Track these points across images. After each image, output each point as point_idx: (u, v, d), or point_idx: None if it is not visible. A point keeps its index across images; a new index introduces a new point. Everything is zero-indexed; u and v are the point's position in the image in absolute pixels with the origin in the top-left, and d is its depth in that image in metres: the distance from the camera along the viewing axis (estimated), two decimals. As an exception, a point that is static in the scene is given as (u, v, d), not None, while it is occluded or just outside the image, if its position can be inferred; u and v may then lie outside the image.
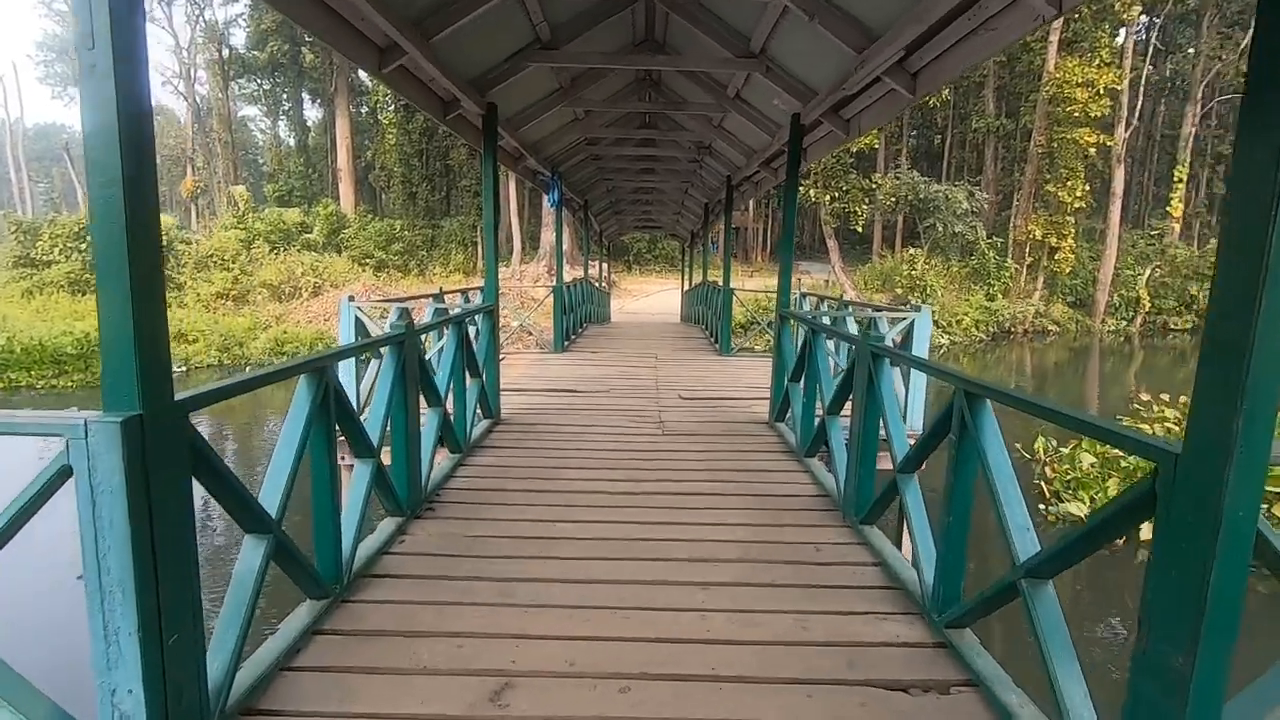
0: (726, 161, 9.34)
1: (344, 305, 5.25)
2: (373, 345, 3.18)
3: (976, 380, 2.27)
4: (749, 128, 7.07)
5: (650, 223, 21.50)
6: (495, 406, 5.47)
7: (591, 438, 5.13)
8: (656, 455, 4.73)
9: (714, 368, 8.81)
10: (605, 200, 15.59)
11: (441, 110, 5.15)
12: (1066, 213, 29.39)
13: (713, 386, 7.41)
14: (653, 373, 8.28)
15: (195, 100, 49.99)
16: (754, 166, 7.94)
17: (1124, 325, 31.92)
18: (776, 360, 5.49)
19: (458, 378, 4.45)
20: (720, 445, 5.01)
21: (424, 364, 3.65)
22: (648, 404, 6.43)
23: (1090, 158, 28.71)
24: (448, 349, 4.32)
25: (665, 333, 14.35)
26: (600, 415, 5.90)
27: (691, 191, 13.93)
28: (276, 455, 2.30)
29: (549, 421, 5.59)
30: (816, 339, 4.46)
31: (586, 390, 6.99)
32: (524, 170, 8.40)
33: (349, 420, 2.74)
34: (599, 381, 7.56)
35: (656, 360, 9.36)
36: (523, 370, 8.31)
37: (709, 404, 6.50)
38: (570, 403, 6.43)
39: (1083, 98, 26.36)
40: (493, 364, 5.39)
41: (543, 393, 6.87)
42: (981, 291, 29.96)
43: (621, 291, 30.57)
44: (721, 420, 5.81)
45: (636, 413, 6.02)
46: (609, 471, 4.34)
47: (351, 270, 28.63)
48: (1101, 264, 31.22)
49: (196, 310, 21.57)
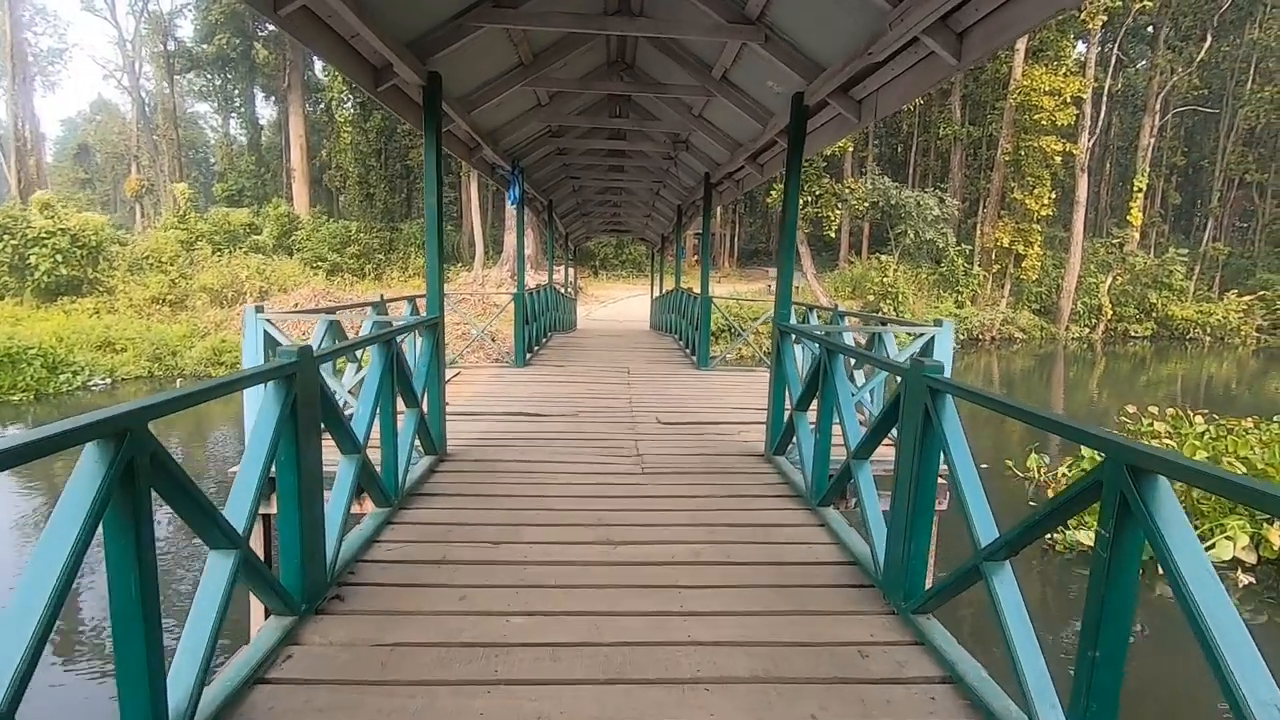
0: (705, 157, 8.53)
1: (249, 317, 4.25)
2: (241, 383, 2.22)
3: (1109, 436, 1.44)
4: (735, 116, 6.26)
5: (619, 226, 20.64)
6: (440, 440, 4.53)
7: (557, 480, 4.22)
8: (636, 505, 3.85)
9: (693, 384, 7.96)
10: (571, 200, 14.67)
11: (371, 78, 4.20)
12: (1033, 220, 29.47)
13: (695, 408, 6.56)
14: (626, 391, 7.40)
15: (140, 95, 47.54)
16: (739, 161, 7.14)
17: (1087, 332, 32.22)
18: (774, 382, 4.67)
19: (386, 411, 3.51)
20: (712, 488, 4.15)
21: (329, 399, 2.71)
22: (622, 431, 5.55)
23: (1055, 166, 28.84)
24: (371, 376, 3.38)
25: (636, 342, 13.48)
26: (568, 447, 4.99)
27: (663, 193, 13.11)
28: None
29: (505, 458, 4.66)
30: (834, 362, 3.64)
31: (551, 415, 6.07)
32: (480, 163, 7.46)
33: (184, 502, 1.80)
34: (566, 402, 6.65)
35: (629, 375, 8.48)
36: (479, 389, 7.34)
37: (693, 431, 5.65)
38: (533, 431, 5.51)
39: (1049, 106, 26.41)
40: (437, 390, 4.45)
41: (500, 418, 5.92)
42: (950, 299, 29.86)
43: (588, 297, 29.64)
44: (710, 453, 4.95)
45: (610, 444, 5.13)
46: (578, 530, 3.44)
47: (302, 274, 27.12)
48: (1066, 271, 31.42)
49: (128, 316, 19.95)
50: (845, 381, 3.58)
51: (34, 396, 13.84)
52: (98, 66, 72.86)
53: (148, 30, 44.13)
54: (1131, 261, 33.07)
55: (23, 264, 20.45)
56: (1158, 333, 32.92)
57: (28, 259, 20.23)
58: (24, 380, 13.96)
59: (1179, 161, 41.28)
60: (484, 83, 5.53)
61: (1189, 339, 32.35)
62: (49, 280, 20.31)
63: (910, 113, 36.74)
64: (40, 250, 20.09)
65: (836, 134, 4.95)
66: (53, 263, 20.19)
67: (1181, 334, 32.55)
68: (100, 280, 21.17)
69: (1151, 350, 30.90)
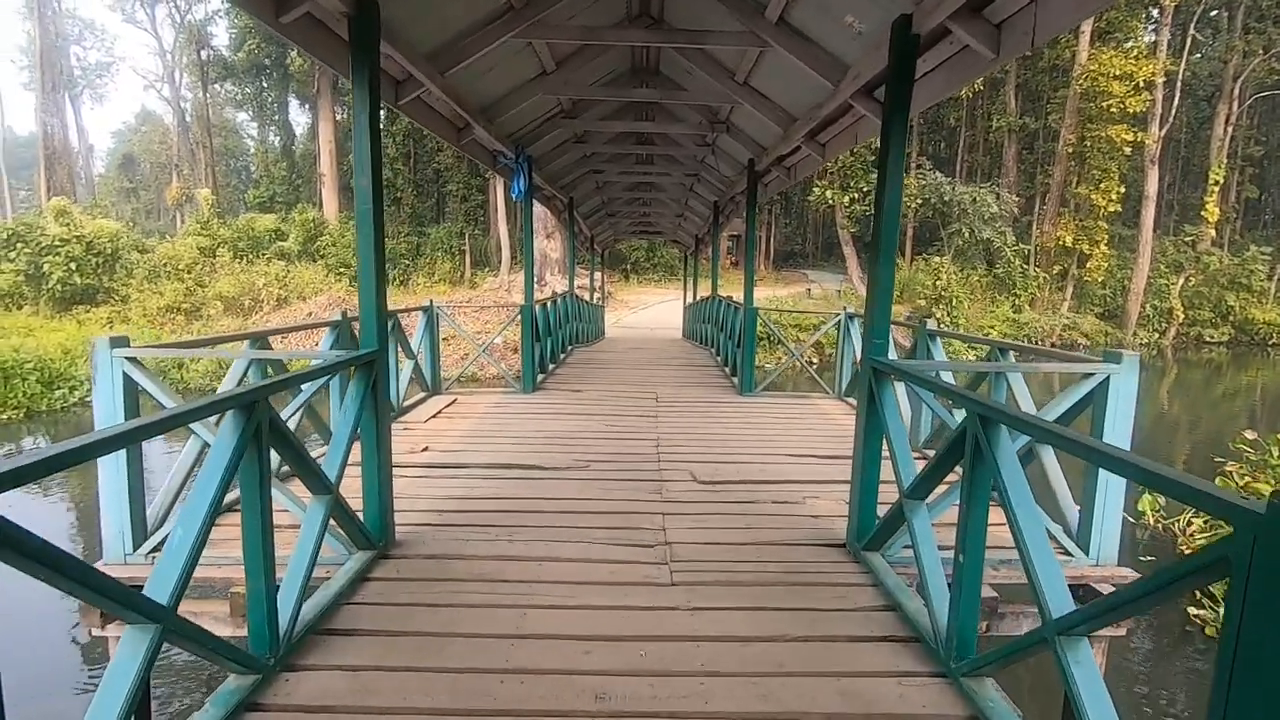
0: (749, 141, 7.05)
1: (100, 354, 2.92)
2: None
3: None
4: (793, 76, 4.79)
5: (648, 228, 19.22)
6: (379, 529, 3.14)
7: (544, 600, 2.80)
8: (658, 657, 2.40)
9: (736, 417, 6.47)
10: (596, 199, 13.30)
11: (272, 7, 2.84)
12: (1099, 217, 27.16)
13: (741, 455, 5.08)
14: (652, 427, 5.95)
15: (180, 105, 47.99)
16: (794, 140, 5.63)
17: (1156, 338, 29.76)
18: (863, 441, 3.18)
19: (252, 512, 2.13)
20: (777, 620, 2.68)
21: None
22: (645, 497, 4.10)
23: (1126, 158, 26.51)
24: (212, 464, 2.00)
25: (667, 355, 12.03)
26: (567, 529, 3.56)
27: (697, 188, 11.65)
28: None
29: (476, 553, 3.25)
30: (994, 436, 2.13)
31: (553, 469, 4.65)
32: (474, 148, 6.10)
33: None
34: (575, 446, 5.23)
35: (657, 405, 7.02)
36: (470, 424, 5.97)
37: (741, 496, 4.17)
38: (525, 496, 4.10)
39: (1119, 91, 24.15)
40: (375, 456, 3.07)
41: (486, 474, 4.53)
42: (1006, 302, 27.73)
43: (617, 303, 28.31)
44: (769, 540, 3.47)
45: (627, 522, 3.69)
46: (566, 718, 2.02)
47: (324, 281, 26.34)
48: (1134, 272, 28.99)
49: (140, 325, 19.23)
50: (1018, 470, 2.08)
51: (25, 414, 12.99)
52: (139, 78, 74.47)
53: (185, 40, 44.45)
54: (1206, 261, 30.50)
55: (38, 272, 19.92)
56: (1235, 338, 30.31)
57: (42, 267, 19.68)
58: (16, 397, 13.12)
59: (1255, 152, 38.18)
60: (459, 33, 4.16)
61: (1271, 345, 29.66)
62: (63, 289, 19.72)
63: (956, 105, 34.56)
64: (53, 258, 19.52)
65: (952, 81, 3.43)
66: (66, 271, 19.60)
67: (1263, 340, 29.85)
68: (113, 289, 20.55)
69: (1229, 357, 28.48)
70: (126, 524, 3.01)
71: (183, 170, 46.29)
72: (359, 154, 2.99)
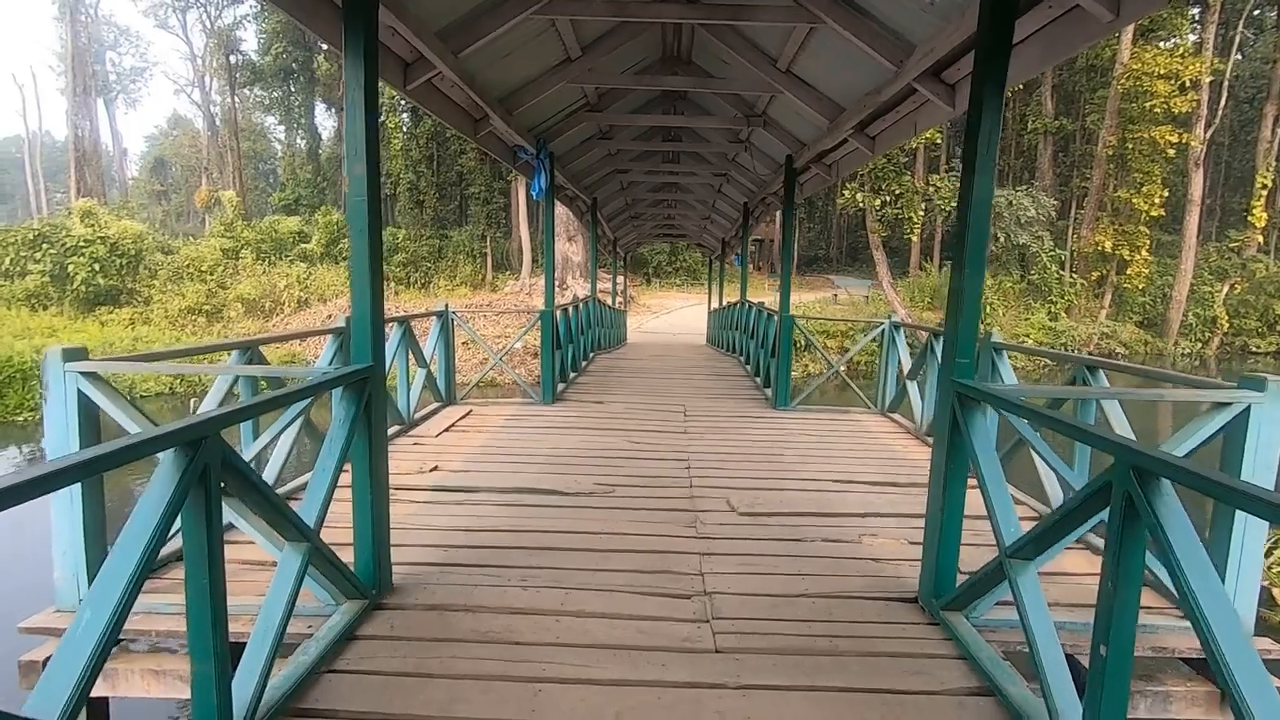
0: (787, 135, 6.54)
1: (51, 367, 2.51)
2: None
3: None
4: (847, 60, 4.29)
5: (672, 230, 18.73)
6: (371, 574, 2.69)
7: (563, 666, 2.32)
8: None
9: (773, 435, 5.95)
10: (619, 200, 12.86)
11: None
12: (1141, 222, 26.12)
13: (784, 480, 4.57)
14: (682, 444, 5.46)
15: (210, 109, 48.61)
16: (842, 131, 5.12)
17: (1199, 348, 28.59)
18: (942, 480, 2.65)
19: (198, 576, 1.69)
20: (850, 705, 2.17)
21: None
22: (678, 531, 3.61)
23: (1168, 160, 25.46)
24: (138, 520, 1.55)
25: (692, 363, 11.52)
26: (590, 570, 3.08)
27: (725, 189, 11.16)
28: None
29: (485, 602, 2.77)
30: (1154, 493, 1.61)
31: (574, 494, 4.18)
32: (492, 141, 5.67)
33: None
34: (598, 465, 4.76)
35: (685, 418, 6.53)
36: (485, 439, 5.52)
37: (788, 532, 3.66)
38: (540, 529, 3.63)
39: (1164, 91, 23.17)
40: (369, 496, 2.62)
41: (500, 498, 4.07)
42: (1042, 310, 26.79)
43: (639, 308, 27.86)
44: (824, 591, 2.96)
45: (659, 563, 3.19)
46: None
47: (345, 283, 26.22)
48: (1176, 280, 27.86)
49: (162, 326, 19.18)
50: (1195, 545, 1.55)
51: (41, 417, 12.83)
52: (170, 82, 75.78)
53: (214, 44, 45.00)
54: (1252, 268, 29.28)
55: (63, 273, 19.98)
56: (1287, 347, 29.07)
57: (67, 268, 19.73)
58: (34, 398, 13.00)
59: (1303, 155, 36.64)
60: (474, 8, 3.72)
61: (1321, 355, 28.42)
62: (87, 290, 19.75)
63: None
64: (78, 259, 19.55)
65: (1052, 52, 2.89)
66: (90, 272, 19.63)
67: (1313, 350, 28.61)
68: (136, 291, 20.55)
69: (1276, 367, 27.29)
70: (81, 565, 2.59)
71: (212, 173, 46.86)
72: (352, 136, 2.56)
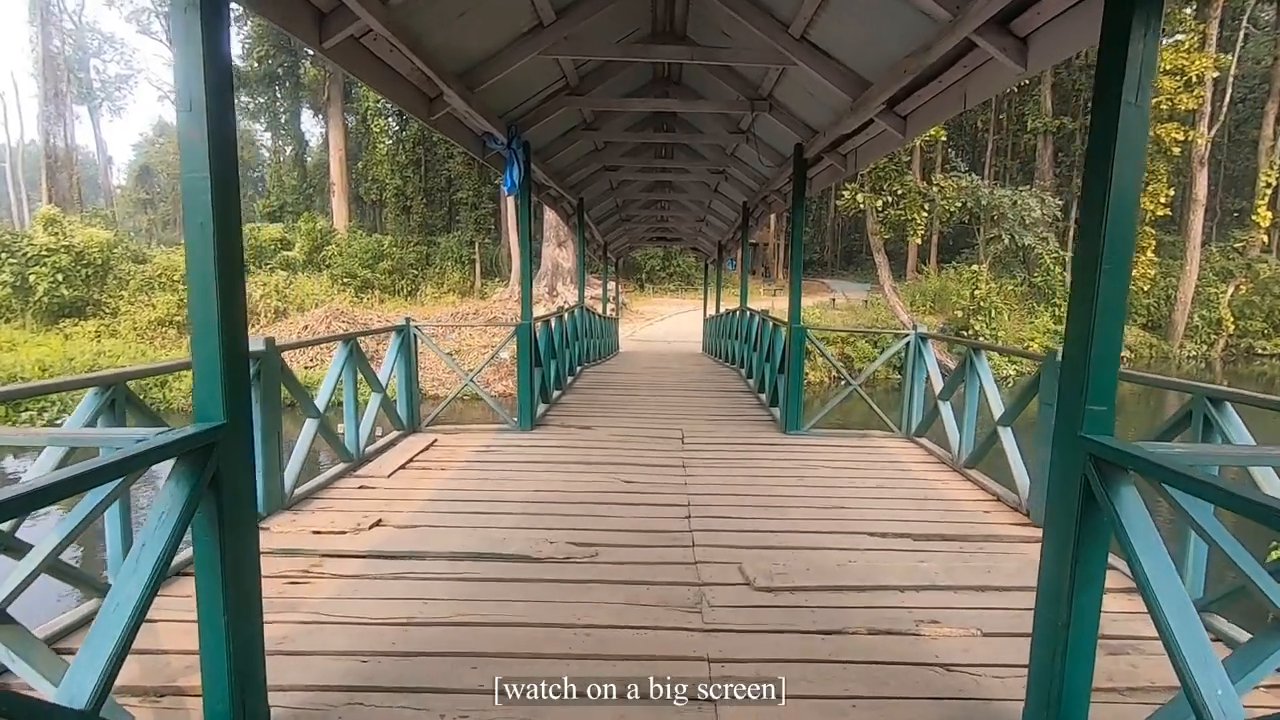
0: (797, 122, 5.71)
1: None
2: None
3: None
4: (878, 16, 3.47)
5: (666, 233, 17.91)
6: None
7: None
8: None
9: (787, 470, 5.08)
10: (609, 202, 12.02)
11: None
12: (1145, 222, 25.47)
13: (804, 533, 3.70)
14: (680, 484, 4.59)
15: (193, 116, 47.50)
16: (870, 109, 4.28)
17: (1204, 350, 28.03)
18: (1069, 586, 1.80)
19: None
20: None
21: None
22: (679, 623, 2.73)
23: (1173, 158, 24.84)
24: None
25: (689, 376, 10.66)
26: (559, 705, 2.21)
27: (723, 188, 10.33)
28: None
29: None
30: None
31: (545, 563, 3.30)
32: (450, 124, 4.81)
33: None
34: (576, 519, 3.88)
35: (683, 446, 5.66)
36: (445, 481, 4.62)
37: (820, 614, 2.79)
38: (498, 619, 2.74)
39: (1169, 87, 22.54)
40: (222, 635, 1.74)
41: (448, 570, 3.18)
42: (1046, 313, 26.09)
43: (632, 314, 27.01)
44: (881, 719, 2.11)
45: (654, 672, 2.31)
46: None
47: (327, 291, 25.30)
48: (1181, 281, 27.27)
49: (129, 339, 18.21)
50: None
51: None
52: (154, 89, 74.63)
53: (198, 49, 43.99)
54: (1257, 269, 28.75)
55: (24, 284, 18.98)
56: (1291, 349, 28.53)
57: (28, 279, 18.74)
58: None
59: (1306, 153, 36.18)
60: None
61: (1326, 356, 27.91)
62: (49, 301, 18.75)
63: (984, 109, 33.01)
64: (39, 269, 18.56)
65: None
66: (52, 283, 18.63)
67: (1319, 351, 28.09)
68: (104, 303, 19.56)
69: None
70: None
71: (196, 181, 45.68)
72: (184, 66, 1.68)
